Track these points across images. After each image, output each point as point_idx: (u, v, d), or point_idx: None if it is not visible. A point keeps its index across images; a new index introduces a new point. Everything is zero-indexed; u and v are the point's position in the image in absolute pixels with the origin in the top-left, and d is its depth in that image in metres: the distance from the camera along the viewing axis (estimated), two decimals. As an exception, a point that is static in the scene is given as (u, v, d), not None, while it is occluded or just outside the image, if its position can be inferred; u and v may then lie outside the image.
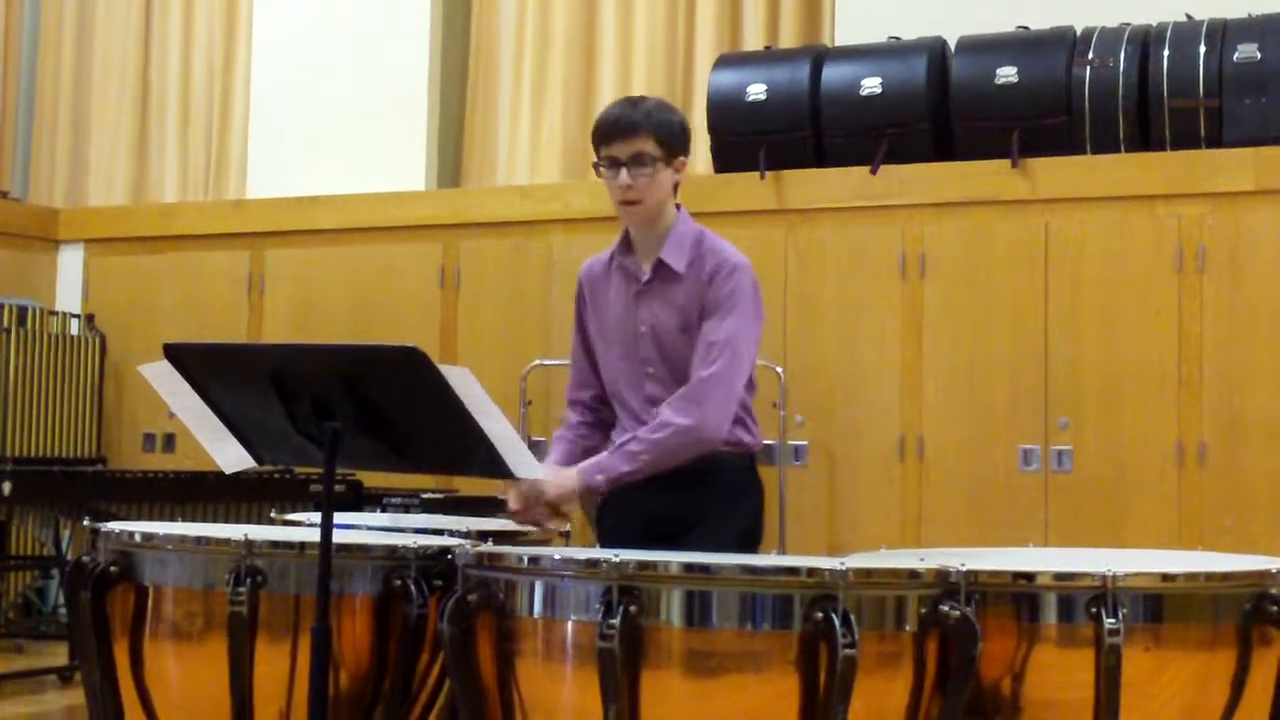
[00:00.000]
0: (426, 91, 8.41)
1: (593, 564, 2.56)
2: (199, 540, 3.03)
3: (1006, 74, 6.65)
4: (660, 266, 3.42)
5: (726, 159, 7.09)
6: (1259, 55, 6.32)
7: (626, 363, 3.47)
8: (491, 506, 6.47)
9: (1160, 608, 2.76)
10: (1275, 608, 2.77)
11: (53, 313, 8.39)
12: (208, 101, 9.19)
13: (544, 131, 8.38)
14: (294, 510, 5.72)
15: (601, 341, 3.53)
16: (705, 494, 3.41)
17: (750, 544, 3.53)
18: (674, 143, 3.40)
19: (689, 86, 8.08)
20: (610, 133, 3.38)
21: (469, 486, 6.65)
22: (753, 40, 7.96)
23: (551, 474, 3.32)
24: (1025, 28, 6.84)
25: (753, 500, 3.57)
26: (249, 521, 6.19)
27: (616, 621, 2.48)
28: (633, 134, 3.35)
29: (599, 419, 3.59)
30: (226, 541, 2.97)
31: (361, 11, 8.50)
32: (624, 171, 3.35)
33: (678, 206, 3.48)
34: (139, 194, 9.27)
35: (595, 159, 3.42)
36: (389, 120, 8.36)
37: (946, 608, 2.65)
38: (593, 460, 3.37)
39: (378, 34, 8.43)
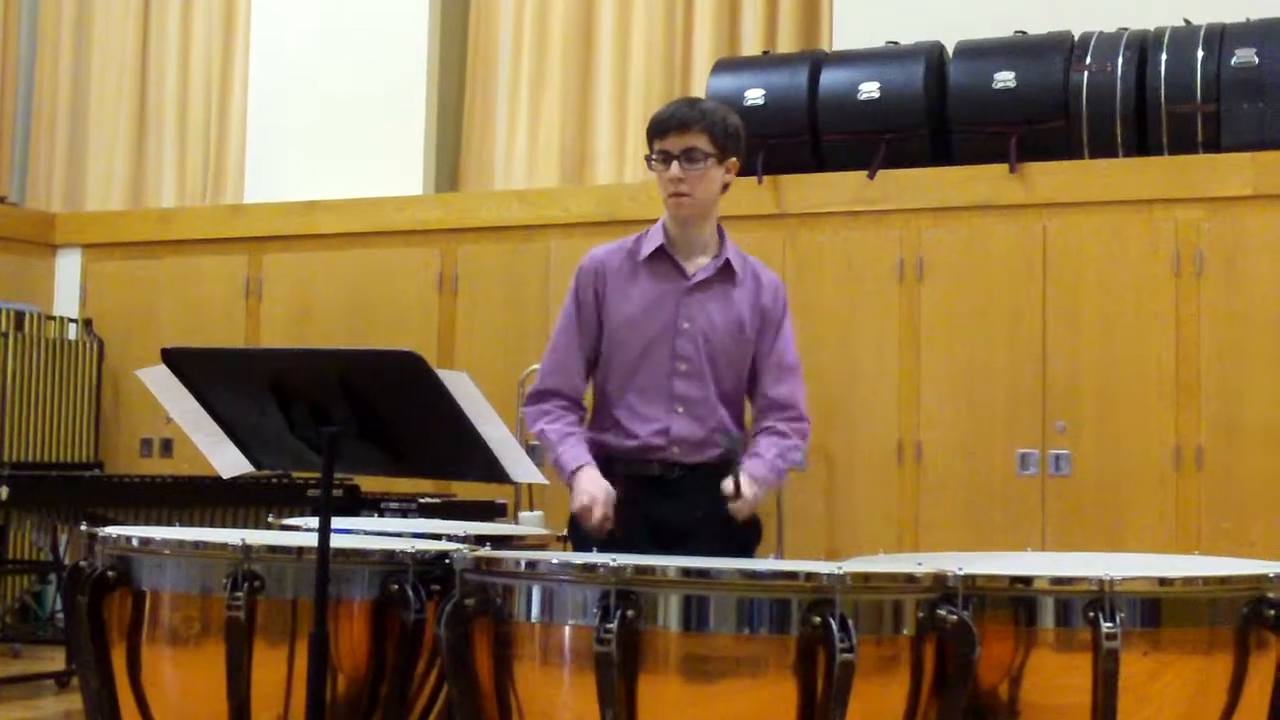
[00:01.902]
0: (424, 96, 8.41)
1: (590, 568, 2.56)
2: (196, 545, 3.02)
3: (1004, 79, 6.65)
4: (725, 269, 3.51)
5: (724, 163, 7.08)
6: (1257, 60, 6.32)
7: (653, 359, 3.47)
8: (489, 511, 6.49)
9: (1158, 612, 2.76)
10: (1272, 612, 2.77)
11: (50, 317, 8.39)
12: (205, 106, 9.19)
13: (542, 136, 8.38)
14: (291, 515, 5.71)
15: (622, 330, 3.49)
16: (709, 497, 3.41)
17: (755, 542, 3.56)
18: (727, 143, 3.47)
19: (687, 91, 8.07)
20: (664, 127, 3.45)
21: (466, 491, 6.65)
22: (751, 45, 7.96)
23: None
24: (1023, 32, 6.85)
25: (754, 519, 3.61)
26: (246, 526, 6.19)
27: (614, 626, 2.48)
28: (686, 129, 3.43)
29: (579, 414, 3.56)
30: (224, 546, 2.97)
31: (359, 16, 8.50)
32: (675, 165, 3.42)
33: (718, 223, 3.56)
34: (137, 198, 9.27)
35: (649, 153, 3.48)
36: (387, 125, 8.36)
37: (944, 612, 2.65)
38: (757, 473, 3.44)
39: (375, 38, 8.43)
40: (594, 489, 3.34)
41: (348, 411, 2.82)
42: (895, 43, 7.06)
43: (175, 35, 9.28)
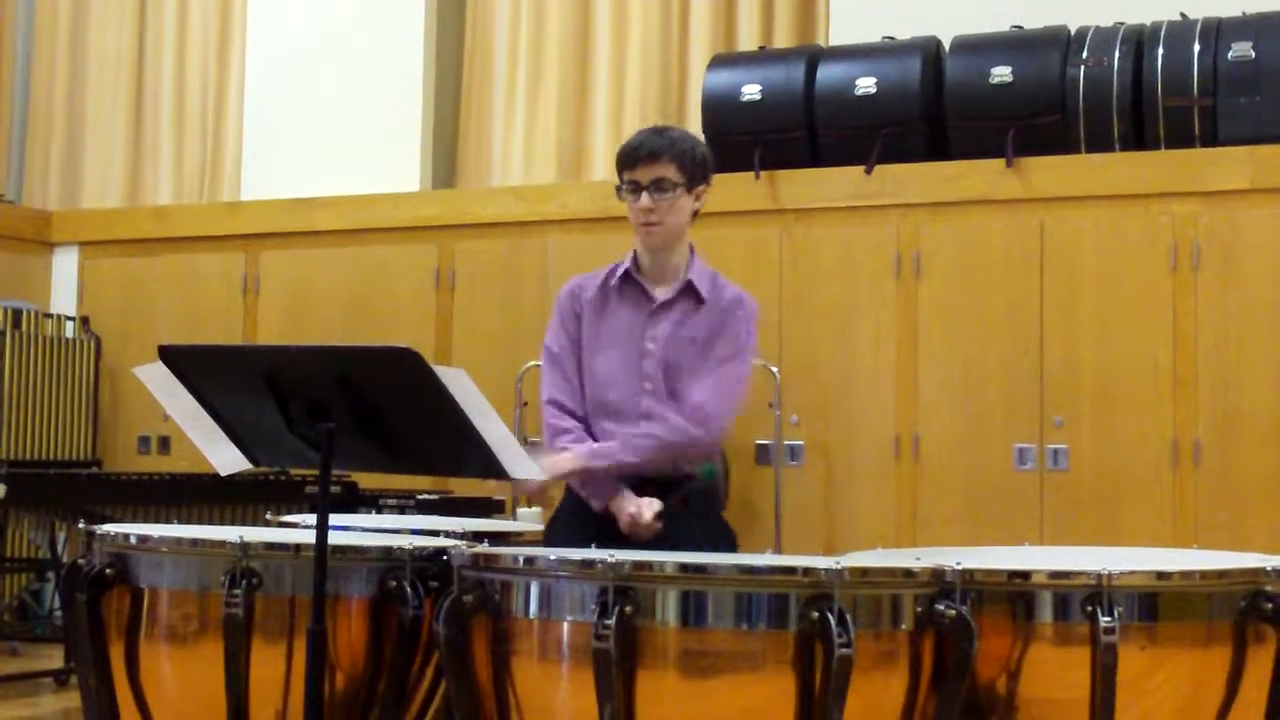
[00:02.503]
0: (421, 92, 8.41)
1: (588, 564, 2.56)
2: (194, 542, 3.02)
3: (1001, 73, 6.65)
4: (687, 290, 3.54)
5: (721, 159, 6.96)
6: (1253, 54, 6.33)
7: (625, 379, 3.53)
8: (487, 507, 6.49)
9: (1155, 606, 2.76)
10: (1270, 605, 2.77)
11: (47, 315, 8.38)
12: (202, 103, 9.19)
13: (539, 132, 8.38)
14: (289, 512, 5.72)
15: (596, 352, 3.57)
16: (681, 505, 3.49)
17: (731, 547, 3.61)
18: (695, 171, 3.51)
19: (684, 87, 8.08)
20: (633, 158, 3.49)
21: (464, 487, 6.65)
22: (747, 40, 7.96)
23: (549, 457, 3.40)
24: (1019, 27, 6.84)
25: (718, 508, 3.68)
26: (244, 523, 6.18)
27: (612, 622, 2.48)
28: (654, 160, 3.46)
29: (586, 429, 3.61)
30: (222, 544, 2.97)
31: (356, 13, 8.50)
32: (645, 195, 3.46)
33: (690, 247, 3.59)
34: (133, 196, 9.26)
35: (618, 183, 3.53)
36: (384, 121, 8.36)
37: (942, 607, 2.65)
38: (595, 446, 3.48)
39: (372, 35, 8.43)
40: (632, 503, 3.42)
41: (345, 408, 2.81)
42: (891, 38, 7.06)
43: (171, 32, 9.28)
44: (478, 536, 3.56)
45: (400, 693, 2.99)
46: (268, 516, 4.36)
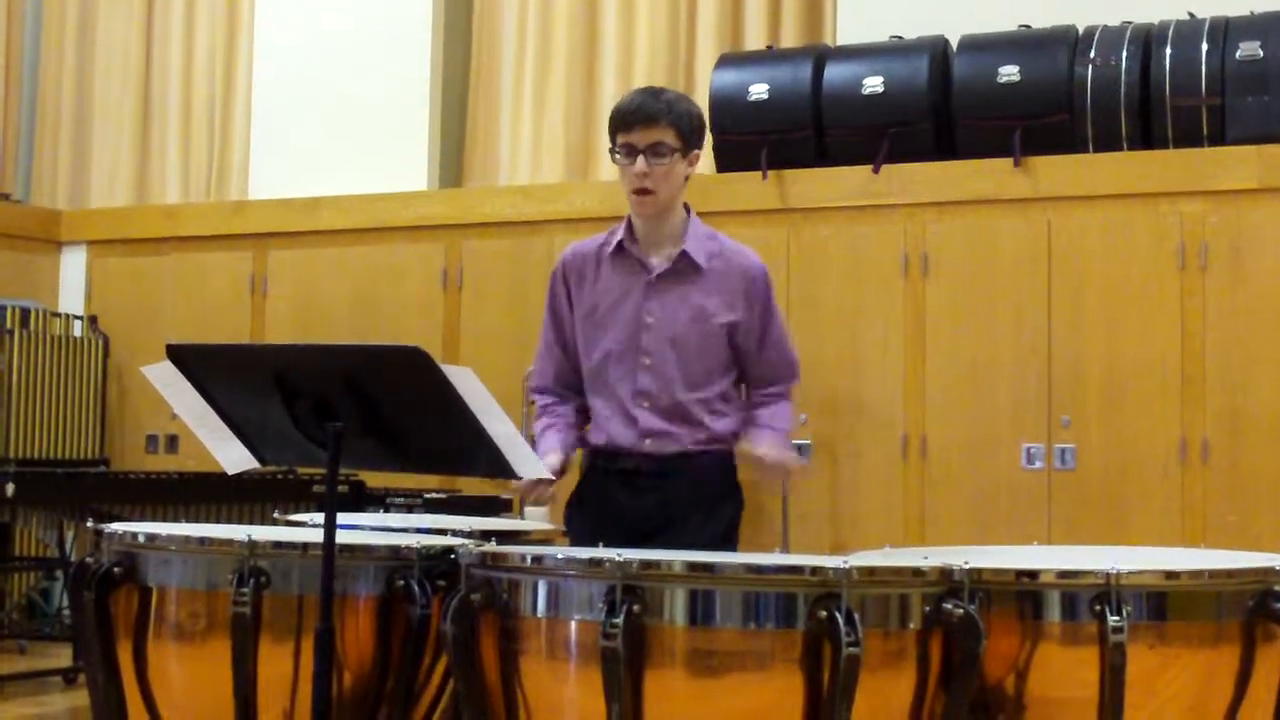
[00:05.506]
0: (428, 91, 8.41)
1: (596, 563, 2.56)
2: (202, 541, 3.03)
3: (1008, 73, 6.65)
4: (682, 259, 3.43)
5: (728, 158, 7.09)
6: (1261, 53, 6.32)
7: (620, 352, 3.44)
8: (494, 506, 6.50)
9: (1164, 605, 2.76)
10: (1279, 604, 2.77)
11: (56, 314, 8.39)
12: (210, 102, 9.20)
13: (546, 131, 8.38)
14: (297, 511, 5.72)
15: (591, 327, 3.48)
16: (687, 492, 3.42)
17: (737, 517, 3.54)
18: (691, 136, 3.41)
19: (691, 86, 8.07)
20: (630, 120, 3.37)
21: (472, 486, 6.66)
22: (754, 40, 7.96)
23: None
24: (1027, 26, 6.84)
25: (733, 505, 3.54)
26: (252, 522, 6.19)
27: (620, 621, 2.48)
28: (653, 123, 3.35)
29: (571, 403, 3.56)
30: (230, 542, 2.97)
31: (363, 12, 8.50)
32: (641, 159, 3.35)
33: (685, 207, 3.50)
34: (141, 195, 9.27)
35: (612, 145, 3.42)
36: (391, 120, 8.36)
37: (950, 606, 2.65)
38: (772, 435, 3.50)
39: (379, 34, 8.43)
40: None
41: (352, 407, 2.81)
42: (899, 37, 7.06)
43: (179, 31, 9.28)
44: (485, 535, 3.55)
45: (408, 692, 3.00)
46: (275, 515, 4.35)
